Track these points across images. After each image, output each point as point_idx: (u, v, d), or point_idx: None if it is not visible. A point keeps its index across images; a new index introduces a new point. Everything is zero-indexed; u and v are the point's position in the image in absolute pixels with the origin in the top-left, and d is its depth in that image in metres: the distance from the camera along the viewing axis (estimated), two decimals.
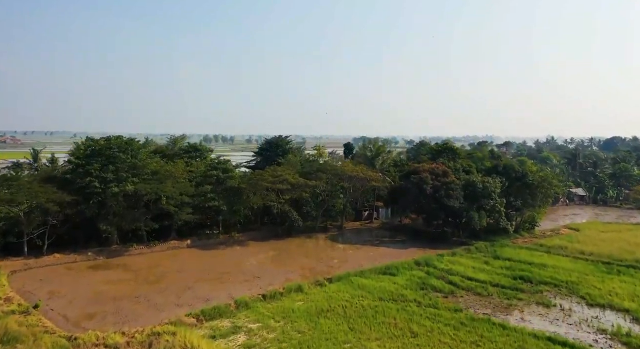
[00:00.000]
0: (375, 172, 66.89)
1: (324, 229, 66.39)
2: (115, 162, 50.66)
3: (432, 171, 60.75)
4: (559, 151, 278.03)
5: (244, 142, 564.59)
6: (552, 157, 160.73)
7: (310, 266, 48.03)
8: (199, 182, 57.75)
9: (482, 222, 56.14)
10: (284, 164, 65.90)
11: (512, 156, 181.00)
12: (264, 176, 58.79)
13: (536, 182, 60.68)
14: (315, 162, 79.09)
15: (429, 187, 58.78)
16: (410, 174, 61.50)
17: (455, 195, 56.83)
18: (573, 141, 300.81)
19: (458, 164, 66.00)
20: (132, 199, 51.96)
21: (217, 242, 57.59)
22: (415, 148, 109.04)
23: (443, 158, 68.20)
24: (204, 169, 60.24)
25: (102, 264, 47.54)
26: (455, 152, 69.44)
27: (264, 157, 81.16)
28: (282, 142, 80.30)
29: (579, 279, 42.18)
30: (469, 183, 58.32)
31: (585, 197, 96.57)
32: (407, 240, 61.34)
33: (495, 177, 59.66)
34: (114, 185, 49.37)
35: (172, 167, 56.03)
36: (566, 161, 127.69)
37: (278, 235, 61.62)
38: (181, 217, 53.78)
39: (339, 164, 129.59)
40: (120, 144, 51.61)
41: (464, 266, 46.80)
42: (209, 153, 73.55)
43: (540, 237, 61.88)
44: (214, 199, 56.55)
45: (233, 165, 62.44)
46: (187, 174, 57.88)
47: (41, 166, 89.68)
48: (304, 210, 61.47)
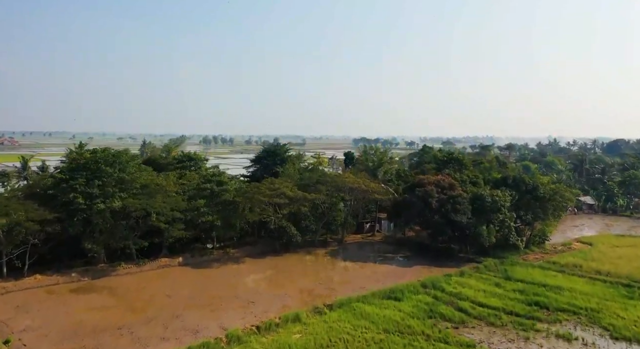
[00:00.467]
0: (378, 184, 63.76)
1: (324, 243, 63.27)
2: (101, 177, 47.55)
3: (437, 183, 57.63)
4: (562, 154, 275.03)
5: (243, 144, 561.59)
6: (556, 161, 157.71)
7: (309, 289, 44.89)
8: (191, 196, 54.66)
9: (490, 238, 53.02)
10: (282, 176, 62.78)
11: (516, 160, 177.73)
12: (260, 189, 55.66)
13: (547, 195, 57.55)
14: (315, 171, 75.94)
15: (435, 201, 55.69)
16: (414, 187, 58.38)
17: (463, 209, 53.70)
18: (576, 143, 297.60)
19: (465, 175, 62.87)
20: (119, 216, 48.85)
21: (210, 259, 54.45)
22: (418, 154, 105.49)
23: (449, 169, 65.00)
24: (198, 181, 57.15)
25: (86, 287, 44.37)
26: (462, 163, 66.34)
27: (262, 166, 78.04)
28: (280, 150, 77.18)
29: (600, 306, 39.02)
30: (477, 197, 55.20)
31: (594, 206, 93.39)
32: (412, 256, 58.22)
33: (504, 191, 56.54)
34: (100, 201, 46.26)
35: (162, 180, 52.90)
36: (572, 167, 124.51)
37: (276, 250, 58.46)
38: (172, 234, 50.68)
39: (339, 170, 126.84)
40: (106, 157, 48.48)
41: (474, 288, 43.65)
42: (203, 162, 70.38)
43: (551, 252, 58.75)
44: (207, 213, 53.44)
45: (228, 177, 59.24)
46: (179, 187, 54.76)
47: (30, 174, 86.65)
48: (303, 224, 58.34)
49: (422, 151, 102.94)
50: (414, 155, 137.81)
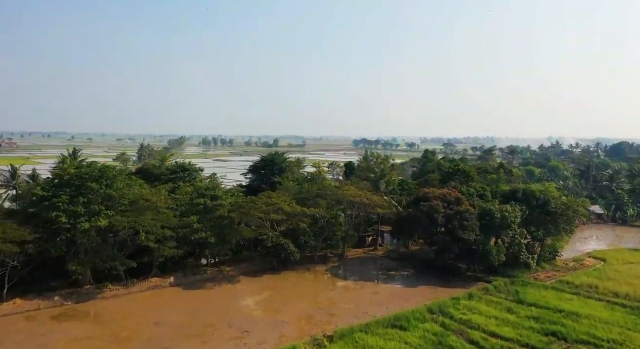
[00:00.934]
0: (380, 197, 60.82)
1: (324, 258, 60.34)
2: (86, 194, 44.56)
3: (443, 197, 54.68)
4: (564, 156, 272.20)
5: (243, 145, 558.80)
6: (560, 166, 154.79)
7: (308, 314, 41.95)
8: (184, 212, 51.74)
9: (500, 257, 50.09)
10: (280, 189, 59.83)
11: (519, 164, 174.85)
12: (256, 203, 52.71)
13: (559, 210, 54.59)
14: (315, 181, 73.07)
15: (441, 216, 52.76)
16: (419, 201, 55.44)
17: (471, 226, 50.75)
18: (579, 145, 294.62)
19: (471, 187, 59.89)
20: (106, 235, 45.91)
21: (204, 278, 51.50)
22: (420, 161, 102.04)
23: (455, 181, 62.01)
24: (191, 195, 54.24)
25: (69, 312, 41.42)
26: (468, 175, 63.33)
27: (260, 175, 75.17)
28: (278, 159, 74.24)
29: (623, 337, 36.03)
30: (486, 212, 52.26)
31: (603, 215, 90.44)
32: (416, 274, 55.29)
33: (514, 205, 53.57)
34: (85, 220, 43.28)
35: (153, 195, 49.96)
36: (578, 173, 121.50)
37: (273, 267, 55.53)
38: (163, 253, 47.69)
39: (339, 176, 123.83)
40: (92, 172, 45.47)
41: (484, 315, 40.66)
42: (197, 173, 67.47)
43: (563, 269, 55.79)
44: (200, 230, 50.50)
45: (223, 191, 56.23)
46: (171, 202, 51.83)
47: (20, 184, 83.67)
48: (302, 240, 55.40)
49: (425, 158, 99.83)
50: (416, 161, 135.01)
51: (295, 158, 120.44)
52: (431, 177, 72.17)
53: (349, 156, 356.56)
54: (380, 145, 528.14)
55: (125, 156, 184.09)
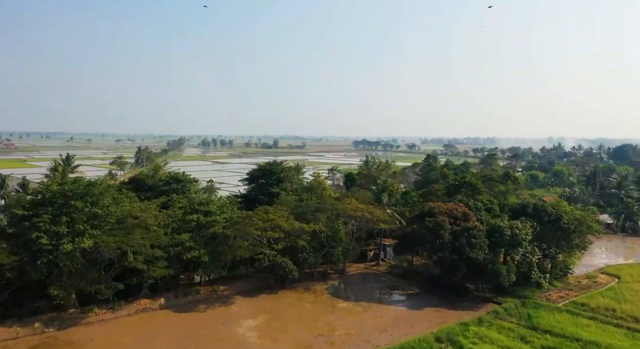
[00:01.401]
0: (383, 210, 57.96)
1: (324, 275, 57.50)
2: (70, 213, 41.71)
3: (450, 213, 51.83)
4: (567, 159, 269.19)
5: (242, 146, 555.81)
6: (565, 171, 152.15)
7: (306, 344, 39.07)
8: (175, 229, 48.91)
9: (510, 277, 47.25)
10: (277, 203, 56.95)
11: (522, 168, 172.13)
12: (252, 220, 49.85)
13: (572, 226, 51.75)
14: (314, 191, 70.32)
15: (447, 233, 49.91)
16: (424, 216, 52.58)
17: (479, 244, 47.89)
18: (581, 148, 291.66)
19: (479, 201, 57.01)
20: (92, 255, 43.03)
21: (196, 300, 48.63)
22: (423, 169, 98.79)
23: (461, 194, 59.09)
24: (186, 206, 51.51)
25: (50, 342, 38.56)
26: (475, 188, 60.41)
27: (257, 185, 72.34)
28: (276, 168, 71.35)
29: None
30: (495, 229, 49.41)
31: (612, 225, 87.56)
32: (421, 293, 52.51)
33: (524, 221, 50.73)
34: (68, 241, 40.41)
35: (142, 211, 47.13)
36: (585, 179, 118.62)
37: (270, 286, 52.75)
38: (153, 274, 44.81)
39: (339, 182, 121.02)
40: (76, 189, 42.57)
41: (496, 344, 37.80)
42: (192, 184, 64.60)
43: (576, 288, 52.92)
44: (193, 248, 47.65)
45: (217, 206, 53.33)
46: (162, 219, 49.01)
47: (9, 193, 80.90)
48: (300, 257, 52.54)
49: (428, 166, 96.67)
50: (418, 166, 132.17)
51: (295, 164, 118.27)
52: (435, 188, 69.32)
53: (349, 157, 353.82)
54: (381, 146, 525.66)
55: (122, 160, 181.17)
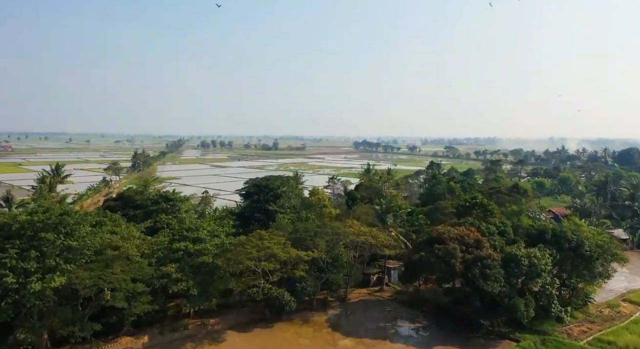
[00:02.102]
0: (387, 234, 53.72)
1: (323, 303, 53.21)
2: (40, 246, 37.46)
3: (461, 239, 47.54)
4: (571, 162, 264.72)
5: (242, 148, 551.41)
6: (572, 178, 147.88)
7: None
8: (161, 258, 44.67)
9: (529, 312, 42.94)
10: (273, 227, 52.63)
11: (527, 174, 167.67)
12: (246, 248, 45.57)
13: (595, 253, 47.47)
14: (314, 208, 66.12)
15: (459, 262, 45.61)
16: (432, 242, 48.28)
17: (494, 275, 43.57)
18: (585, 151, 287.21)
19: (491, 224, 52.67)
20: (67, 290, 38.76)
21: (184, 336, 44.39)
22: (429, 181, 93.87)
23: (472, 216, 54.72)
24: (171, 236, 47.26)
25: None
26: (487, 209, 55.98)
27: (253, 202, 67.97)
28: (273, 184, 67.00)
29: None
30: (511, 258, 45.09)
31: (627, 241, 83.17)
32: (430, 325, 48.28)
33: (543, 249, 46.42)
34: (37, 278, 36.16)
35: (123, 240, 42.86)
36: (595, 189, 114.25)
37: (265, 318, 48.52)
38: (135, 311, 40.50)
39: (340, 189, 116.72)
40: (47, 219, 38.27)
41: None
42: (182, 203, 60.29)
43: (598, 319, 48.70)
44: (180, 280, 43.41)
45: (209, 232, 48.98)
46: (146, 247, 44.78)
47: None
48: (299, 287, 48.25)
49: (433, 177, 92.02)
50: (421, 174, 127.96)
51: (294, 173, 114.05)
52: (442, 205, 64.99)
53: (349, 160, 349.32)
54: (381, 148, 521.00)
55: (118, 166, 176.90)
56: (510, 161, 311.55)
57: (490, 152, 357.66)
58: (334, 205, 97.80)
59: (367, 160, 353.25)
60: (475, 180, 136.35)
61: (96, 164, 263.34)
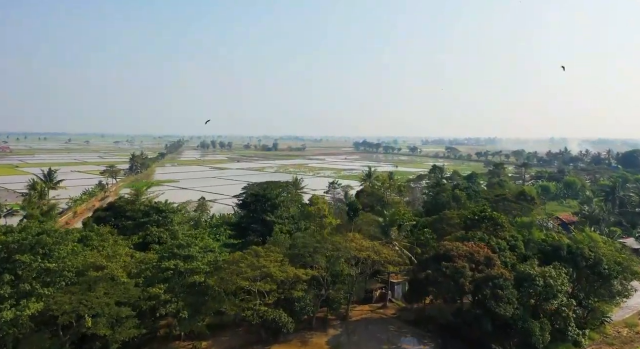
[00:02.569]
0: (391, 248, 50.70)
1: (323, 322, 50.17)
2: (15, 269, 34.47)
3: (470, 256, 44.51)
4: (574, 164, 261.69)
5: (242, 148, 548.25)
6: (577, 181, 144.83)
7: None
8: (149, 278, 41.65)
9: (544, 337, 39.91)
10: (270, 243, 49.56)
11: (531, 177, 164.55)
12: (240, 266, 42.56)
13: (614, 271, 44.43)
14: (313, 218, 63.10)
15: (468, 281, 42.60)
16: (439, 259, 45.26)
17: (506, 296, 40.58)
18: (588, 153, 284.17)
19: (502, 239, 49.63)
20: (45, 315, 35.76)
21: None
22: (433, 189, 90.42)
23: (481, 230, 51.65)
24: (168, 247, 44.31)
25: None
26: (497, 222, 52.76)
27: (250, 211, 65.01)
28: (270, 194, 63.99)
29: None
30: (524, 277, 42.09)
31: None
32: (436, 347, 45.24)
33: (559, 268, 43.38)
34: (10, 304, 33.17)
35: (108, 259, 39.83)
36: (603, 195, 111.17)
37: (261, 340, 45.52)
38: (119, 337, 37.44)
39: (340, 194, 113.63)
40: (23, 239, 35.24)
41: None
42: (174, 215, 57.23)
43: (617, 341, 45.82)
44: (170, 301, 40.44)
45: (201, 248, 45.89)
46: (134, 266, 41.76)
47: None
48: (297, 307, 45.21)
49: (437, 184, 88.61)
50: (423, 178, 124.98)
51: (293, 178, 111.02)
52: (448, 215, 61.97)
53: (350, 161, 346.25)
54: (382, 148, 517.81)
55: (114, 169, 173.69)
56: (512, 162, 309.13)
57: (492, 153, 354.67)
58: (334, 211, 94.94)
59: (367, 161, 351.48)
60: (479, 184, 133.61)
61: (94, 165, 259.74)
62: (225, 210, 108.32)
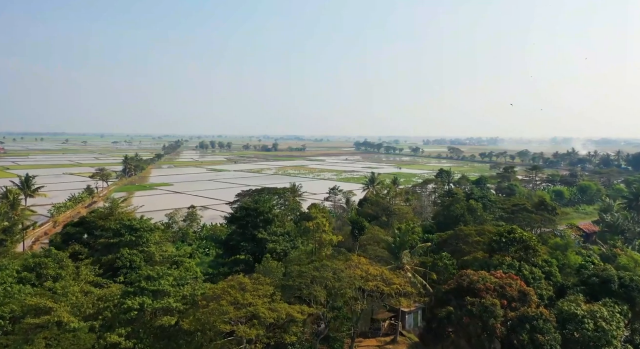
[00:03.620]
0: (403, 275, 42.93)
1: None
2: None
3: (500, 289, 36.74)
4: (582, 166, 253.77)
5: (241, 149, 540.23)
6: (592, 186, 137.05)
7: None
8: (108, 320, 33.95)
9: None
10: (259, 272, 41.74)
11: (542, 180, 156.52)
12: (221, 305, 34.74)
13: None
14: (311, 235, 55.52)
15: (499, 323, 34.84)
16: (462, 291, 37.48)
17: (549, 343, 32.81)
18: (597, 154, 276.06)
19: (536, 267, 41.74)
20: None
21: None
22: (444, 198, 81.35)
23: (509, 255, 43.73)
24: (125, 288, 36.59)
25: None
26: (529, 245, 44.04)
27: (239, 227, 57.31)
28: (263, 207, 56.27)
29: None
30: (569, 317, 34.36)
31: None
32: None
33: (611, 305, 35.65)
34: None
35: (54, 301, 32.15)
36: (626, 202, 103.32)
37: None
38: None
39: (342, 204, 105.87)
40: None
41: None
42: (151, 234, 49.44)
43: None
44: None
45: (176, 280, 38.06)
46: (89, 305, 34.09)
47: None
48: None
49: (449, 194, 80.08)
50: (430, 183, 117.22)
51: (291, 184, 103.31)
52: (465, 231, 54.22)
53: (350, 162, 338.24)
54: (383, 149, 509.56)
55: (104, 172, 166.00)
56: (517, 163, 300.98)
57: (496, 154, 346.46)
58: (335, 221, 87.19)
59: (369, 162, 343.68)
60: (488, 189, 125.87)
61: (88, 167, 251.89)
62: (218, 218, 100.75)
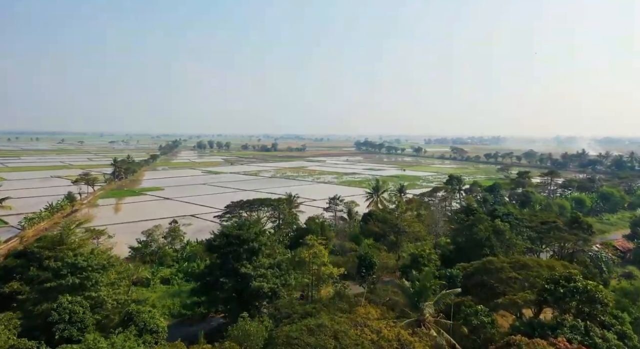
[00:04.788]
0: (424, 335, 32.63)
1: None
2: None
3: None
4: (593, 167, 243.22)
5: (240, 149, 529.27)
6: (615, 193, 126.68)
7: None
8: None
9: None
10: (232, 340, 31.27)
11: (556, 186, 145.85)
12: None
13: None
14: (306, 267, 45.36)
15: None
16: None
17: None
18: (609, 155, 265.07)
19: (606, 329, 31.29)
20: None
21: None
22: (464, 216, 67.82)
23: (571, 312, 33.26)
24: None
25: None
26: (594, 298, 32.95)
27: (220, 257, 47.00)
28: (248, 234, 45.84)
29: None
30: None
31: None
32: None
33: None
34: None
35: None
36: None
37: None
38: None
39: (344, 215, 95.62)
40: None
41: None
42: (103, 274, 39.04)
43: None
44: None
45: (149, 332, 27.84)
46: None
47: None
48: None
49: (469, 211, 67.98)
50: (439, 190, 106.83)
51: (287, 194, 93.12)
52: (496, 264, 43.88)
53: (351, 163, 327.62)
54: (385, 149, 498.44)
55: (90, 176, 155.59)
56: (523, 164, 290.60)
57: (502, 155, 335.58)
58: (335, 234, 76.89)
59: (370, 163, 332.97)
60: (502, 197, 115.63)
61: (79, 169, 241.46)
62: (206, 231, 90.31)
